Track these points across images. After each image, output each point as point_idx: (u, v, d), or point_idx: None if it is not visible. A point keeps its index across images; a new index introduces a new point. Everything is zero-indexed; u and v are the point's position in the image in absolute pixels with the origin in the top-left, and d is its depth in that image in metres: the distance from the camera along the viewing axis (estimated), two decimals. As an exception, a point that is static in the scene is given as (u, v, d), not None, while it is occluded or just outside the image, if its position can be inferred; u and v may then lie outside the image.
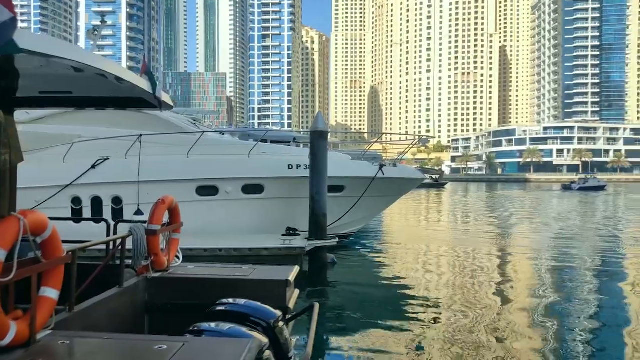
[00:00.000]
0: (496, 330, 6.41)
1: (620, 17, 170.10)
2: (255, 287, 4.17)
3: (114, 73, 2.75)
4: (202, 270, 4.59)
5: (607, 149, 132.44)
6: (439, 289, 8.84)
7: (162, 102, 3.83)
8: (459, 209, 32.01)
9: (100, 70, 2.49)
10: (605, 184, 65.36)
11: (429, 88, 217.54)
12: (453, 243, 14.86)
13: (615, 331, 6.55)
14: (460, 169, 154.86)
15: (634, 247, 14.34)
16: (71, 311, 3.20)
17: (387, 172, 12.39)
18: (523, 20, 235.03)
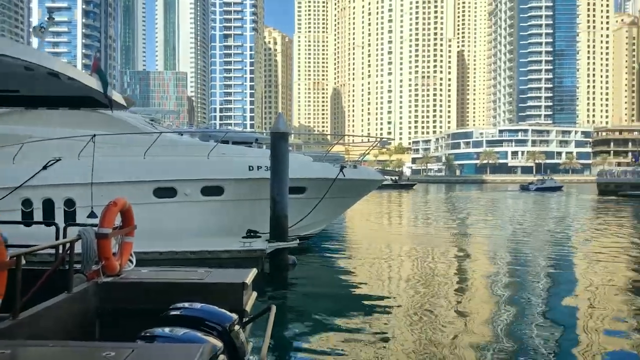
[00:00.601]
0: (455, 329, 6.53)
1: (570, 25, 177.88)
2: (210, 290, 4.10)
3: (64, 72, 2.71)
4: (156, 274, 4.47)
5: (560, 151, 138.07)
6: (399, 289, 8.96)
7: (114, 101, 3.69)
8: (420, 209, 32.60)
9: (49, 69, 2.45)
10: (562, 185, 68.01)
11: (390, 91, 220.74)
12: (414, 243, 15.10)
13: (564, 326, 6.79)
14: (420, 170, 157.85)
15: (584, 246, 14.99)
16: (15, 319, 3.06)
17: (348, 173, 12.47)
18: (480, 26, 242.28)
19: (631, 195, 43.02)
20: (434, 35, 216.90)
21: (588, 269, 11.11)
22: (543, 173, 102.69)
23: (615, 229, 19.70)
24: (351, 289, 9.33)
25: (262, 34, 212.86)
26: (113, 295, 4.12)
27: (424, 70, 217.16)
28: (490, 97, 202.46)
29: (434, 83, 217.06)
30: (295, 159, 12.46)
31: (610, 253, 13.23)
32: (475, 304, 7.98)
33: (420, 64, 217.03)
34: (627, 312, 7.58)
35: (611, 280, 9.83)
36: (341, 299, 8.58)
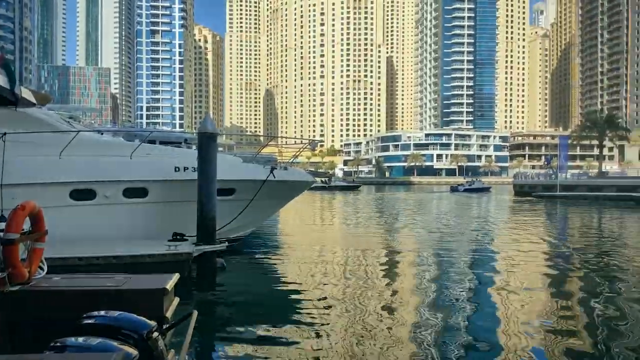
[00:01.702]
0: (385, 331, 6.61)
1: (490, 36, 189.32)
2: (128, 297, 3.93)
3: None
4: (69, 282, 4.21)
5: (480, 154, 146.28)
6: (330, 291, 8.91)
7: (23, 98, 3.42)
8: (353, 210, 33.17)
9: None
10: (490, 186, 71.40)
11: (322, 93, 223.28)
12: (346, 244, 15.30)
13: (489, 322, 7.15)
14: (352, 172, 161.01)
15: (502, 242, 15.94)
16: None
17: (278, 175, 12.42)
18: (407, 34, 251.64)
19: (543, 195, 46.41)
20: (364, 40, 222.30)
21: (506, 264, 11.84)
22: (466, 175, 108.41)
23: (530, 227, 21.19)
24: (281, 292, 9.25)
25: (192, 31, 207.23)
26: (22, 304, 3.84)
27: (355, 75, 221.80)
28: (417, 102, 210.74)
29: (364, 87, 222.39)
30: (224, 160, 12.24)
31: (525, 250, 14.19)
32: (407, 303, 8.17)
33: (352, 68, 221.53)
34: (544, 307, 8.14)
35: (528, 275, 10.52)
36: (270, 302, 8.49)
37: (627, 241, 16.92)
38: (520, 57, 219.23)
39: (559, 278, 10.38)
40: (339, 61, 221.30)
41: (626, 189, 42.17)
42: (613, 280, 9.93)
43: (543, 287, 9.54)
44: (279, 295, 8.98)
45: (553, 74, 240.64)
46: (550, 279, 10.27)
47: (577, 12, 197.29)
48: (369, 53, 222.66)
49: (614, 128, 66.76)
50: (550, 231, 20.41)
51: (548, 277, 10.42)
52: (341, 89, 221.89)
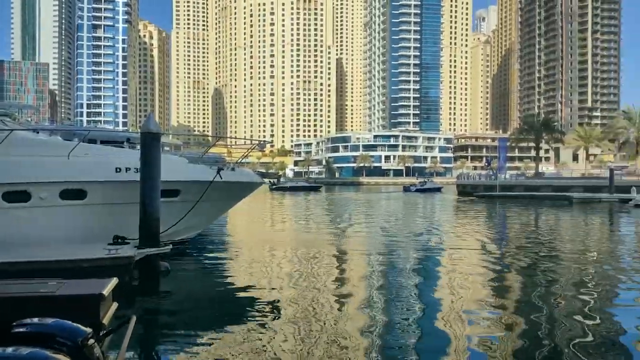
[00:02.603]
0: (337, 330, 6.66)
1: (435, 41, 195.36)
2: (62, 303, 3.79)
3: None
4: (1, 288, 4.03)
5: (426, 155, 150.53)
6: (279, 293, 8.84)
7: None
8: (304, 211, 33.25)
9: None
10: (442, 186, 73.04)
11: (272, 93, 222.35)
12: (297, 245, 15.30)
13: (434, 319, 7.36)
14: (302, 172, 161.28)
15: (450, 242, 16.51)
16: None
17: (225, 176, 12.28)
18: (357, 36, 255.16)
19: (484, 195, 48.37)
20: (314, 41, 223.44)
21: (450, 261, 12.31)
22: (413, 175, 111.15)
23: (471, 226, 22.07)
24: (228, 295, 9.10)
25: (136, 27, 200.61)
26: None
27: (305, 75, 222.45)
28: (366, 103, 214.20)
29: (314, 88, 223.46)
30: (168, 161, 11.97)
31: (467, 247, 14.78)
32: (357, 303, 8.24)
33: (302, 69, 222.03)
34: (486, 301, 8.50)
35: (469, 271, 10.94)
36: (216, 306, 8.32)
37: (561, 238, 17.98)
38: (463, 62, 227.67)
39: (498, 274, 10.87)
40: (289, 61, 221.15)
41: (561, 189, 44.71)
42: (549, 274, 10.52)
43: (484, 282, 9.95)
44: (226, 299, 8.82)
45: (494, 79, 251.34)
46: (490, 275, 10.73)
47: (517, 20, 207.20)
48: (319, 54, 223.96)
49: (550, 131, 70.60)
50: (490, 230, 21.35)
51: (488, 273, 10.89)
52: (291, 89, 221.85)
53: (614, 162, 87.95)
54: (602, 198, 39.07)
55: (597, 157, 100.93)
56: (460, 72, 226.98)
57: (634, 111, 59.24)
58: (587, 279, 10.18)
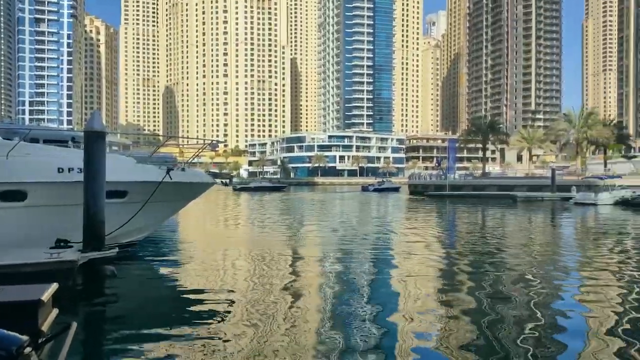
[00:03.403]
0: (291, 333, 6.62)
1: (387, 44, 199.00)
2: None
3: None
4: None
5: (379, 156, 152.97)
6: (230, 296, 8.65)
7: None
8: (258, 211, 32.96)
9: None
10: (399, 186, 74.00)
11: (226, 92, 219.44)
12: (252, 246, 15.13)
13: (388, 316, 7.47)
14: (257, 172, 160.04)
15: (402, 240, 16.84)
16: None
17: (175, 176, 11.99)
18: (311, 36, 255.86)
19: (435, 195, 49.71)
20: (268, 41, 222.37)
21: (401, 258, 12.54)
22: (374, 176, 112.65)
23: (422, 224, 22.61)
24: (177, 299, 8.83)
25: (82, 21, 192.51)
26: None
27: (259, 75, 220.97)
28: (321, 104, 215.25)
29: (269, 88, 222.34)
30: (115, 161, 11.57)
31: (418, 244, 15.13)
32: (312, 303, 8.24)
33: (256, 68, 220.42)
34: (436, 296, 8.73)
35: (421, 270, 11.21)
36: (164, 310, 8.05)
37: (507, 236, 18.74)
38: (414, 65, 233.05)
39: (447, 273, 11.18)
40: (243, 60, 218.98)
41: (505, 188, 46.57)
42: (495, 271, 10.94)
43: (435, 281, 10.22)
44: (175, 304, 8.53)
45: (444, 82, 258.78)
46: (440, 274, 11.04)
47: (465, 25, 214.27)
48: (274, 54, 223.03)
49: (496, 133, 73.38)
50: (441, 228, 21.96)
51: (438, 272, 11.20)
52: (245, 88, 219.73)
53: (555, 162, 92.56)
54: (544, 197, 41.01)
55: (540, 157, 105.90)
56: (411, 74, 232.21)
57: (573, 114, 62.52)
58: (530, 275, 10.65)
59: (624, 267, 11.72)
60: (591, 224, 23.58)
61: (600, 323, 7.06)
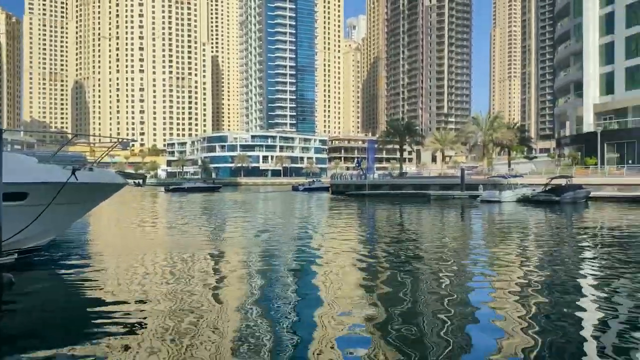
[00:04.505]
0: (213, 339, 6.45)
1: (310, 45, 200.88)
2: None
3: None
4: None
5: (302, 156, 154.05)
6: (147, 304, 8.17)
7: None
8: (178, 212, 31.83)
9: None
10: (329, 186, 74.37)
11: (142, 89, 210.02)
12: (170, 249, 14.54)
13: (310, 320, 7.52)
14: (176, 173, 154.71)
15: (324, 238, 17.03)
16: None
17: (81, 176, 11.27)
18: (232, 34, 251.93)
19: (355, 194, 50.97)
20: (188, 37, 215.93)
21: (324, 257, 12.69)
22: (297, 175, 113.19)
23: (343, 222, 23.10)
24: (85, 310, 8.17)
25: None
26: None
27: (178, 71, 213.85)
28: (243, 103, 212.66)
29: (189, 85, 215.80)
30: (14, 160, 10.68)
31: (341, 243, 15.43)
32: (233, 306, 8.09)
33: (175, 64, 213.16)
34: (356, 292, 8.92)
35: (341, 269, 11.43)
36: (68, 322, 7.45)
37: (422, 232, 19.66)
38: (336, 67, 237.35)
39: (367, 270, 11.50)
40: (161, 56, 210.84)
41: (420, 187, 48.85)
42: (412, 267, 11.44)
43: (354, 279, 10.46)
44: (82, 314, 7.88)
45: (364, 84, 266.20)
46: (359, 272, 11.34)
47: (384, 30, 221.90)
48: (193, 50, 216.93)
49: (412, 134, 76.70)
50: (360, 226, 22.56)
51: (357, 270, 11.49)
52: (163, 85, 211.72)
53: (465, 162, 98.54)
54: (454, 195, 43.50)
55: (452, 158, 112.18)
56: (334, 76, 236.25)
57: (481, 118, 66.91)
58: (444, 270, 11.25)
59: (525, 258, 12.79)
60: (495, 220, 25.38)
61: (508, 306, 7.64)
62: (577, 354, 5.90)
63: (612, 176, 43.72)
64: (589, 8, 54.67)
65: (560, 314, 7.50)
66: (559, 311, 7.64)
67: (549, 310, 7.70)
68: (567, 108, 63.22)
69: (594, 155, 50.60)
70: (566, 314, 7.48)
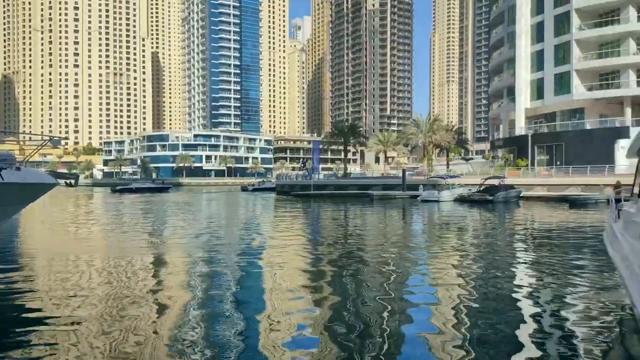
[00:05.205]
0: (153, 346, 6.23)
1: (254, 44, 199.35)
2: None
3: None
4: None
5: (247, 156, 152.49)
6: (83, 311, 7.72)
7: None
8: (114, 213, 30.52)
9: None
10: (274, 185, 73.74)
11: (77, 84, 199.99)
12: (108, 253, 13.90)
13: (253, 320, 7.43)
14: (113, 173, 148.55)
15: (269, 238, 16.91)
16: None
17: (7, 176, 10.58)
18: (174, 30, 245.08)
19: (301, 195, 51.07)
20: (127, 31, 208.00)
21: (269, 256, 12.63)
22: (242, 176, 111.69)
23: (287, 222, 23.09)
24: (11, 321, 7.64)
25: None
26: None
27: (116, 67, 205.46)
28: (186, 101, 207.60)
29: (127, 81, 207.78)
30: None
31: (286, 243, 15.41)
32: (173, 310, 7.84)
33: (112, 60, 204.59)
34: (301, 292, 8.92)
35: (286, 271, 11.40)
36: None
37: (365, 231, 20.00)
38: (281, 67, 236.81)
39: (312, 269, 11.55)
40: (97, 50, 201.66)
41: (364, 188, 49.71)
42: (354, 263, 11.61)
43: (300, 279, 10.46)
44: (8, 326, 7.29)
45: (309, 85, 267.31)
46: (305, 272, 11.37)
47: (328, 32, 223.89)
48: (132, 45, 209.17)
49: (356, 136, 77.93)
50: (305, 226, 22.64)
51: (303, 270, 11.51)
52: (100, 81, 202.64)
53: (407, 163, 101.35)
54: (396, 195, 44.60)
55: (395, 159, 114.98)
56: (279, 76, 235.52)
57: (421, 120, 69.05)
58: (385, 269, 11.50)
59: (460, 255, 13.33)
60: (434, 219, 26.28)
61: (444, 301, 7.92)
62: (508, 344, 6.22)
63: (542, 177, 46.44)
64: (521, 17, 57.79)
65: (493, 308, 7.88)
66: (490, 306, 8.02)
67: (483, 306, 8.07)
68: (500, 112, 66.50)
69: (525, 157, 53.52)
70: (497, 309, 7.87)
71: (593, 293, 8.65)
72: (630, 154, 5.98)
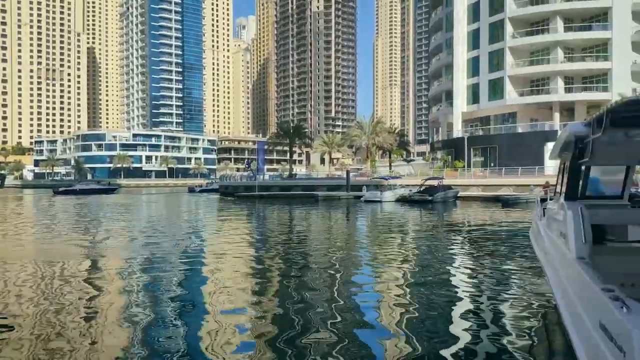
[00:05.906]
0: (87, 347, 6.01)
1: (197, 42, 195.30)
2: None
3: None
4: None
5: (190, 157, 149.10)
6: (12, 320, 7.32)
7: None
8: (41, 216, 28.88)
9: None
10: (218, 186, 72.00)
11: (5, 80, 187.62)
12: (37, 258, 13.14)
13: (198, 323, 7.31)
14: (45, 174, 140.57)
15: (214, 240, 16.63)
16: None
17: None
18: (112, 25, 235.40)
19: (245, 196, 50.61)
20: (60, 26, 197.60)
21: (215, 258, 12.43)
22: (184, 177, 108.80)
23: (231, 224, 22.82)
24: None
25: None
26: None
27: (48, 62, 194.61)
28: (124, 100, 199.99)
29: (60, 78, 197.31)
30: None
31: (230, 246, 15.22)
32: (111, 315, 7.58)
33: (45, 55, 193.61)
34: (246, 294, 8.85)
35: (233, 265, 11.27)
36: None
37: (311, 231, 20.14)
38: (225, 66, 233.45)
39: (257, 271, 11.52)
40: (28, 45, 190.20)
41: (309, 189, 49.99)
42: (299, 264, 11.67)
43: (245, 281, 10.39)
44: None
45: (254, 85, 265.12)
46: (252, 266, 11.31)
47: (273, 32, 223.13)
48: (66, 40, 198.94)
49: (301, 137, 78.20)
50: (249, 228, 22.48)
51: (247, 272, 11.45)
52: (31, 77, 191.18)
53: (352, 165, 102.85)
54: (340, 196, 45.20)
55: (340, 160, 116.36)
56: (222, 75, 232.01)
57: (364, 122, 70.39)
58: (329, 269, 11.65)
59: (401, 253, 13.75)
60: (377, 218, 26.89)
61: (387, 300, 8.15)
62: (440, 340, 6.50)
63: (477, 178, 48.64)
64: (458, 24, 60.30)
65: (434, 304, 8.21)
66: (432, 302, 8.36)
67: (425, 303, 8.38)
68: (439, 115, 69.02)
69: (462, 158, 55.85)
70: (437, 304, 8.21)
71: (518, 287, 9.21)
72: (552, 156, 6.43)
